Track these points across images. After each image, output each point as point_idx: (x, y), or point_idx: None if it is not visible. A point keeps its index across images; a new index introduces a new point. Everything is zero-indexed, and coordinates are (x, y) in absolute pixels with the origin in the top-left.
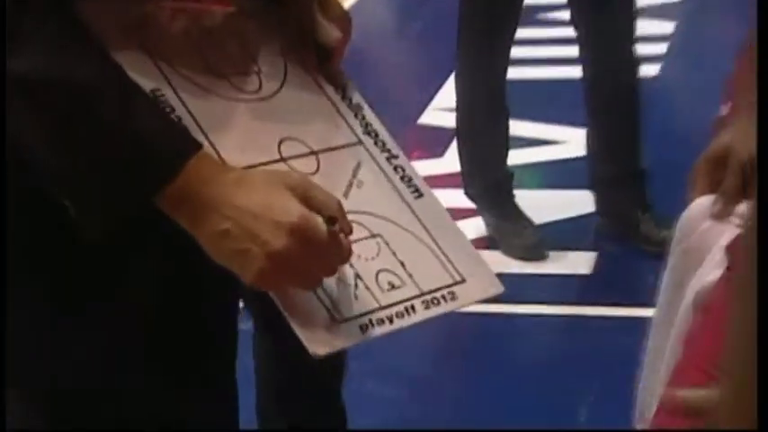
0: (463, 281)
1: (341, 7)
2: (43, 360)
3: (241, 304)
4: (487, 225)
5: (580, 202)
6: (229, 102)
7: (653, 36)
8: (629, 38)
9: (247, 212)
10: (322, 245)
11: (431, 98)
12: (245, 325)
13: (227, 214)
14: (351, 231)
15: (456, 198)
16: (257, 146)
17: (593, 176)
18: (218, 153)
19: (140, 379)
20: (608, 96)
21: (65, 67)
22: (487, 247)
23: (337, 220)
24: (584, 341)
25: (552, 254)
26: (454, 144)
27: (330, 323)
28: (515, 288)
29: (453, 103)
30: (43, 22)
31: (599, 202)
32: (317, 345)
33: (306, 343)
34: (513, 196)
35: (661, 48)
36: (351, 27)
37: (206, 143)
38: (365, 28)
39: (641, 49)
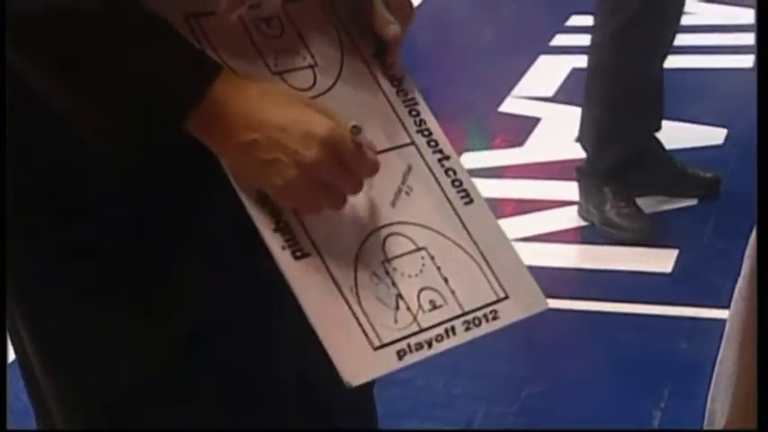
0: (506, 297)
1: None
2: (94, 361)
3: None
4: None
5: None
6: None
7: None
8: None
9: (275, 123)
10: (350, 155)
11: (513, 86)
12: None
13: (254, 126)
14: (374, 147)
15: (535, 189)
16: None
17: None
18: None
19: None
20: None
21: (77, 3)
22: (582, 241)
23: (361, 129)
24: (662, 342)
25: (632, 250)
26: (535, 133)
27: (366, 349)
28: (572, 283)
29: (534, 92)
30: None
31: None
32: (353, 374)
33: (341, 371)
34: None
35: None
36: (412, 16)
37: None
38: (449, 14)
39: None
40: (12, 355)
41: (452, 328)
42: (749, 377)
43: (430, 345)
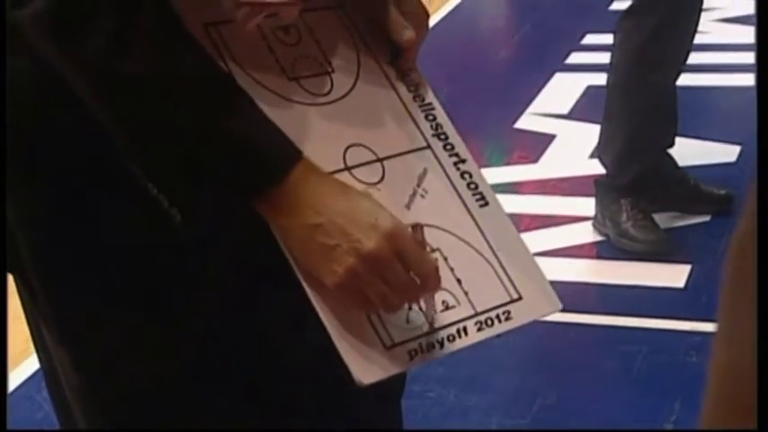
0: (520, 298)
1: (421, 6)
2: (138, 360)
3: None
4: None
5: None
6: (299, 107)
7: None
8: None
9: (342, 211)
10: (410, 252)
11: (529, 103)
12: None
13: (321, 211)
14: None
15: (550, 204)
16: (323, 154)
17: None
18: None
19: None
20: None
21: (175, 67)
22: (597, 256)
23: (423, 229)
24: (674, 356)
25: (645, 265)
26: (549, 150)
27: (379, 348)
28: (586, 297)
29: (550, 109)
30: (147, 20)
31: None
32: (364, 373)
33: (352, 369)
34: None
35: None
36: (427, 23)
37: None
38: (467, 32)
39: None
40: (36, 365)
41: (465, 329)
42: (720, 377)
43: (442, 345)
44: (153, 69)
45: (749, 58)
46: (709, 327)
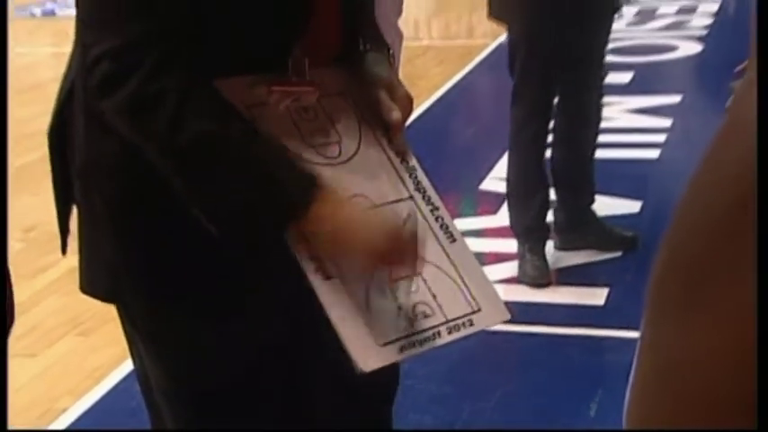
0: (480, 310)
1: (404, 90)
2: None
3: None
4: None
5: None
6: (315, 166)
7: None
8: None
9: (355, 219)
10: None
11: (491, 169)
12: None
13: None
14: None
15: (506, 245)
16: None
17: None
18: None
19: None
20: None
21: (218, 135)
22: (519, 282)
23: (414, 216)
24: (596, 356)
25: (574, 288)
26: (505, 205)
27: (374, 345)
28: (534, 313)
29: (505, 175)
30: (191, 98)
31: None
32: (364, 363)
33: (355, 360)
34: (544, 242)
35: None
36: (411, 107)
37: None
38: (447, 115)
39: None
40: (131, 365)
41: (438, 332)
42: (642, 383)
43: (422, 343)
44: (199, 137)
45: (649, 138)
46: (622, 333)
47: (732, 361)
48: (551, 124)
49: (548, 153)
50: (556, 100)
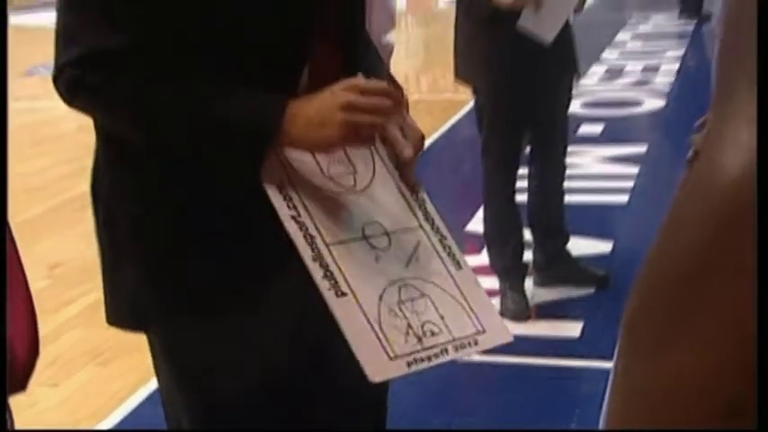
0: (484, 331)
1: (417, 130)
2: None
3: None
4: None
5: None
6: (333, 195)
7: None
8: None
9: (314, 106)
10: (368, 85)
11: (475, 212)
12: None
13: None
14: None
15: (491, 282)
16: (348, 227)
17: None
18: (318, 231)
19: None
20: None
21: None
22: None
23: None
24: (573, 383)
25: (552, 321)
26: None
27: (385, 358)
28: (513, 344)
29: None
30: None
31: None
32: (375, 374)
33: (367, 372)
34: (522, 279)
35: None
36: (422, 144)
37: (311, 225)
38: (444, 162)
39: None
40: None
41: (445, 349)
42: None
43: (430, 359)
44: (167, 100)
45: (616, 183)
46: (598, 363)
47: (701, 387)
48: (528, 170)
49: (525, 198)
50: (528, 149)
